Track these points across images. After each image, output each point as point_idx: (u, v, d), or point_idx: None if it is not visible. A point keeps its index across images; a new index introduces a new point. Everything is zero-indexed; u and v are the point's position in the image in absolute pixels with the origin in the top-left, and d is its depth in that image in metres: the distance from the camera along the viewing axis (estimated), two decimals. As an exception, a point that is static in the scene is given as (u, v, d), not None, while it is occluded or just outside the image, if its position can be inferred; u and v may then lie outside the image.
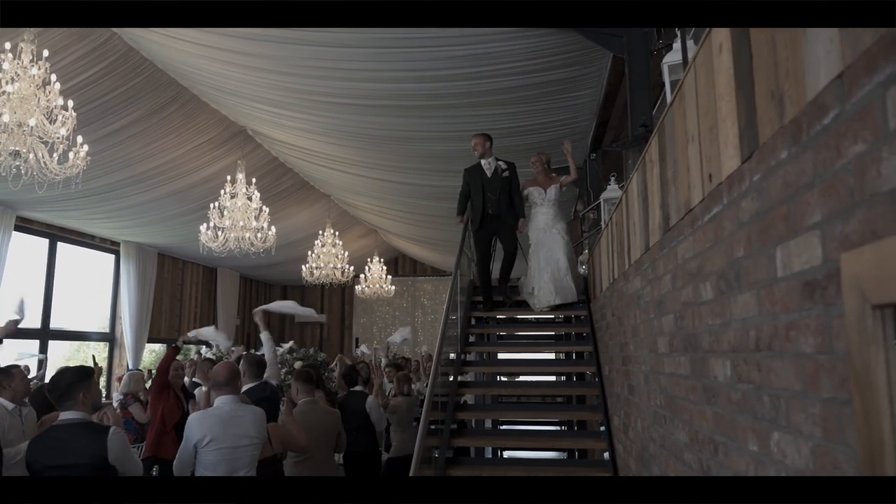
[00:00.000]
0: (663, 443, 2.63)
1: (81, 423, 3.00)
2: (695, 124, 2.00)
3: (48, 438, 3.00)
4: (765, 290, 1.44)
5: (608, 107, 6.68)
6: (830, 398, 1.13)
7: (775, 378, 1.39)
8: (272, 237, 8.80)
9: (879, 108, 0.95)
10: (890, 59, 0.92)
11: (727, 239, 1.70)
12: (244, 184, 8.54)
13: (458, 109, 6.51)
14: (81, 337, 11.64)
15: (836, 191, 1.10)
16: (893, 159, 0.92)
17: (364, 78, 5.97)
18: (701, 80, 1.92)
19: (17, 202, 8.53)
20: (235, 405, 3.40)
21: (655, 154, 2.63)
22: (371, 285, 14.75)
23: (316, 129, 7.69)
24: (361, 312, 17.75)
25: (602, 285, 4.89)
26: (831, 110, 1.11)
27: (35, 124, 5.03)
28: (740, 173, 1.58)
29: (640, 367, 3.16)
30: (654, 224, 2.71)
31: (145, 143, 7.86)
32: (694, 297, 2.06)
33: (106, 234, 11.21)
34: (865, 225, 1.00)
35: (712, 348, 1.87)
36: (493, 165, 6.18)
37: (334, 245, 12.09)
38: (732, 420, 1.69)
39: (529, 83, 5.85)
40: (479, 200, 6.12)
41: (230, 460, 3.27)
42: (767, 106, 1.40)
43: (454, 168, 8.26)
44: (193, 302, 14.15)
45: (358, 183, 9.95)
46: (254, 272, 15.64)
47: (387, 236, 15.25)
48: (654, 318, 2.77)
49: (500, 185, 6.10)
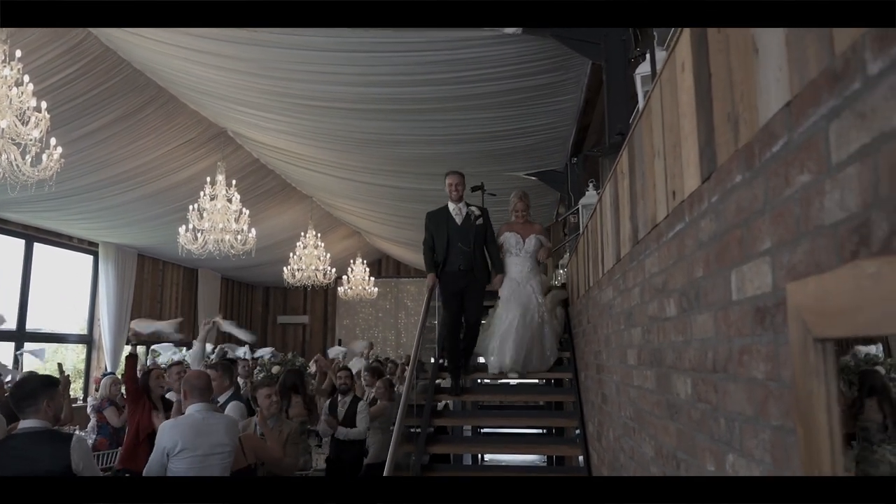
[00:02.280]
0: (632, 454, 2.63)
1: (43, 431, 2.95)
2: (660, 140, 2.00)
3: (8, 447, 2.95)
4: (721, 312, 1.44)
5: (589, 112, 6.70)
6: (779, 426, 1.13)
7: (730, 401, 1.39)
8: (252, 239, 8.74)
9: (823, 140, 0.95)
10: (833, 92, 0.92)
11: (688, 257, 1.71)
12: (224, 185, 8.47)
13: (439, 114, 6.50)
14: (58, 339, 11.49)
15: (784, 219, 1.10)
16: (835, 193, 0.92)
17: (343, 82, 5.95)
18: (666, 97, 1.93)
19: (-8, 202, 8.41)
20: (207, 413, 3.36)
21: (626, 166, 2.63)
22: (354, 287, 14.71)
23: (296, 131, 7.65)
24: (344, 314, 17.69)
25: (579, 291, 4.90)
26: (780, 138, 1.11)
27: (7, 126, 4.95)
28: (700, 193, 1.58)
29: (612, 376, 3.17)
30: (624, 235, 2.71)
31: (123, 143, 7.76)
32: (659, 313, 2.07)
33: (84, 234, 11.07)
34: (810, 256, 1.00)
35: (675, 365, 1.87)
36: (463, 211, 5.22)
37: (316, 247, 12.03)
38: (693, 438, 1.69)
39: (510, 88, 5.85)
40: (443, 254, 5.10)
41: (202, 468, 3.23)
42: (724, 128, 1.40)
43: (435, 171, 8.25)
44: (174, 303, 14.01)
45: (339, 185, 9.91)
46: (235, 273, 15.53)
47: (370, 238, 15.21)
48: (623, 329, 2.77)
49: (472, 235, 5.13)
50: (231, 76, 6.28)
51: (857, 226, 0.86)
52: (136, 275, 12.32)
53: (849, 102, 0.88)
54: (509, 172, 7.96)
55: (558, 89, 6.02)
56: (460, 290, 5.10)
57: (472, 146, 7.29)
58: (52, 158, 5.44)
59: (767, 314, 1.17)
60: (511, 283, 5.28)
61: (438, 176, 8.49)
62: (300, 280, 12.10)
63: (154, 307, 13.34)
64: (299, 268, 12.00)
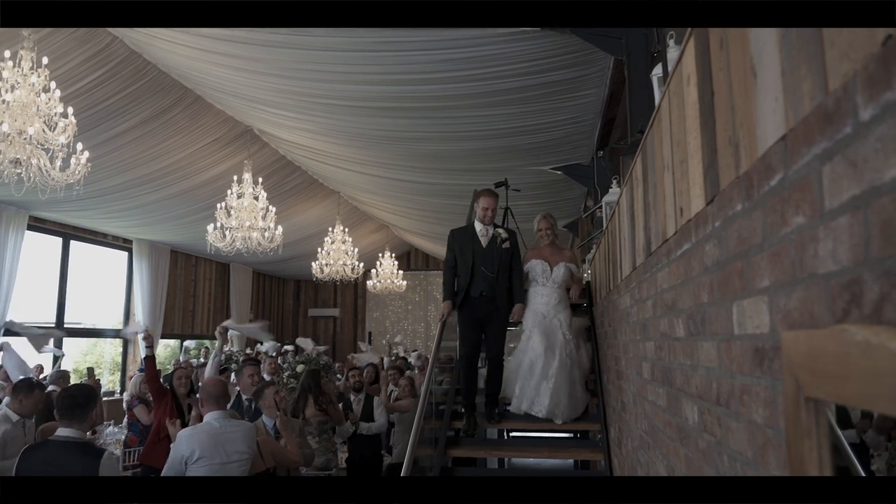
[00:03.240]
0: (648, 470, 2.57)
1: (77, 442, 3.00)
2: (669, 153, 1.92)
3: (42, 452, 3.01)
4: (724, 343, 1.38)
5: (613, 105, 6.56)
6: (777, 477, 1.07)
7: (732, 439, 1.32)
8: (279, 237, 8.81)
9: (817, 182, 0.88)
10: (825, 133, 0.85)
11: (695, 280, 1.63)
12: (251, 183, 8.55)
13: (461, 110, 6.43)
14: (96, 334, 11.80)
15: (780, 260, 1.03)
16: (829, 242, 0.85)
17: (364, 81, 5.93)
18: (674, 109, 1.85)
19: (29, 203, 8.62)
20: (225, 420, 3.39)
21: (640, 173, 2.55)
22: (382, 280, 14.76)
23: (320, 129, 7.66)
24: (374, 307, 17.79)
25: (601, 292, 4.81)
26: (777, 173, 1.03)
27: (34, 133, 5.05)
28: (704, 215, 1.51)
29: (630, 386, 3.09)
30: (639, 244, 2.63)
31: (152, 144, 7.89)
32: (670, 331, 1.99)
33: (118, 232, 11.32)
34: (804, 305, 0.93)
35: (683, 388, 1.80)
36: (490, 233, 4.68)
37: (344, 241, 12.09)
38: (700, 468, 1.63)
39: (531, 84, 5.76)
40: (467, 277, 4.57)
41: (221, 476, 3.27)
42: (726, 151, 1.33)
43: (460, 167, 8.21)
44: (207, 298, 14.26)
45: (365, 181, 9.93)
46: (266, 267, 15.73)
47: (398, 231, 15.23)
48: (639, 340, 2.70)
49: (497, 259, 4.60)
50: (253, 77, 6.31)
51: (848, 282, 0.80)
52: (169, 270, 12.57)
53: (841, 147, 0.81)
54: (534, 167, 7.86)
55: (581, 84, 5.90)
56: (480, 319, 4.59)
57: (495, 142, 7.21)
58: (79, 163, 5.54)
59: (766, 357, 1.11)
60: (535, 316, 4.70)
61: (463, 172, 8.46)
62: (328, 275, 12.19)
63: (188, 302, 13.60)
64: (327, 262, 12.09)
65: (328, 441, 5.47)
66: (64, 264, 10.60)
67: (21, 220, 9.06)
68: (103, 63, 6.27)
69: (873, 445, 1.07)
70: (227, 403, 3.49)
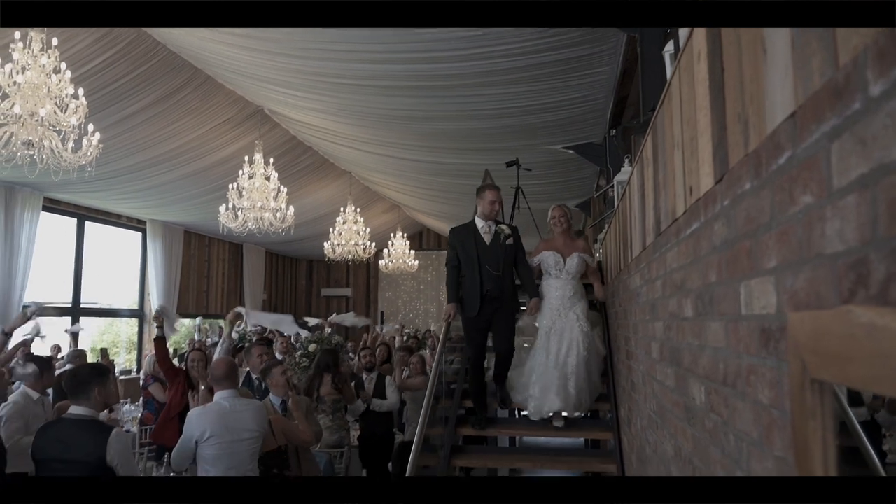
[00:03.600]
0: (655, 449, 2.57)
1: (88, 420, 3.05)
2: (679, 131, 1.89)
3: (55, 430, 3.07)
4: (731, 324, 1.36)
5: (627, 83, 6.47)
6: (781, 458, 1.06)
7: (738, 419, 1.32)
8: (291, 217, 8.83)
9: (825, 160, 0.86)
10: (834, 109, 0.83)
11: (703, 259, 1.62)
12: (262, 164, 8.55)
13: (472, 89, 6.38)
14: (112, 313, 11.94)
15: (788, 239, 1.01)
16: (836, 222, 0.83)
17: (374, 60, 5.88)
18: (685, 86, 1.82)
19: (43, 184, 8.69)
20: (235, 400, 3.43)
21: (650, 152, 2.52)
22: (394, 260, 14.79)
23: (330, 109, 7.63)
24: (387, 286, 17.85)
25: (613, 271, 4.79)
26: (786, 151, 1.01)
27: (46, 114, 5.07)
28: (713, 194, 1.49)
29: (640, 366, 3.09)
30: (649, 224, 2.61)
31: (163, 125, 7.90)
32: (678, 311, 1.98)
33: (132, 213, 11.40)
34: (811, 285, 0.92)
35: (691, 369, 1.79)
36: (492, 229, 4.52)
37: (356, 222, 12.11)
38: (707, 448, 1.63)
39: (542, 62, 5.69)
40: (474, 276, 4.41)
41: (230, 455, 3.31)
42: (735, 128, 1.30)
43: (469, 146, 8.17)
44: (221, 278, 14.37)
45: (376, 161, 9.90)
46: (279, 248, 15.80)
47: (409, 211, 15.22)
48: (649, 320, 2.69)
49: (502, 256, 4.45)
50: (263, 57, 6.28)
51: (854, 262, 0.78)
52: (183, 250, 12.66)
53: (850, 124, 0.79)
54: (545, 146, 7.80)
55: (593, 61, 5.82)
56: (487, 318, 4.45)
57: (506, 121, 7.15)
58: (91, 144, 5.57)
59: (772, 338, 1.10)
60: (550, 313, 4.53)
61: (474, 151, 8.41)
62: (340, 255, 12.22)
63: (202, 282, 13.71)
64: (339, 243, 12.11)
65: (341, 419, 5.53)
66: (79, 245, 10.70)
67: (36, 201, 9.13)
68: (113, 44, 6.26)
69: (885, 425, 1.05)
70: (236, 383, 3.52)
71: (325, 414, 5.33)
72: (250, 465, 3.38)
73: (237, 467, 3.31)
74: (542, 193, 9.97)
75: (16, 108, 4.99)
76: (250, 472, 3.38)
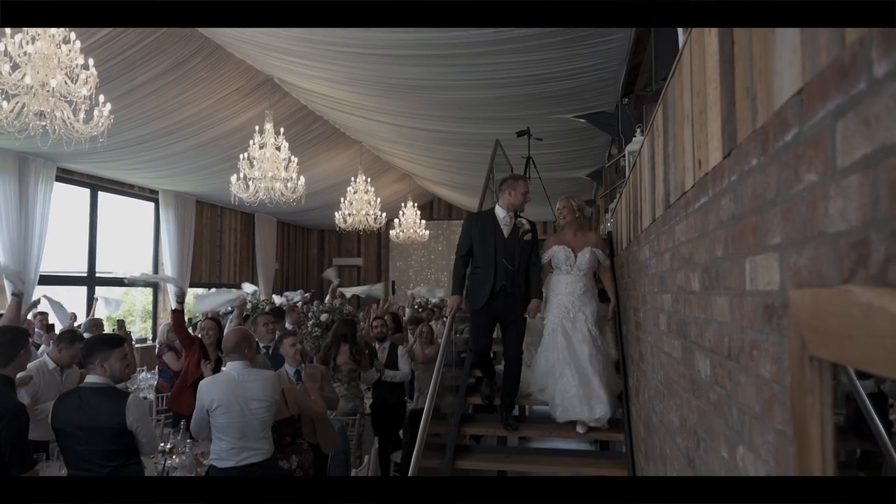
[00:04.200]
0: (662, 419, 2.61)
1: (104, 387, 3.13)
2: (689, 104, 1.88)
3: (74, 398, 3.15)
4: (737, 298, 1.37)
5: (640, 51, 6.37)
6: (781, 431, 1.08)
7: (741, 393, 1.34)
8: (301, 187, 8.85)
9: (830, 139, 0.86)
10: (840, 88, 0.83)
11: (711, 234, 1.62)
12: (272, 134, 8.54)
13: (482, 57, 6.30)
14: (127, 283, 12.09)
15: (792, 217, 1.02)
16: (839, 201, 0.84)
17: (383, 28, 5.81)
18: (695, 59, 1.80)
19: (56, 155, 8.73)
20: (244, 370, 3.49)
21: (660, 124, 2.50)
22: (405, 230, 14.81)
23: (340, 78, 7.58)
24: (398, 256, 17.91)
25: (623, 242, 4.79)
26: (792, 128, 1.01)
27: (57, 85, 5.08)
28: (721, 169, 1.49)
29: (648, 336, 3.11)
30: (658, 196, 2.60)
31: (173, 94, 7.89)
32: (686, 284, 1.99)
33: (144, 183, 11.45)
34: (813, 263, 0.93)
35: (697, 342, 1.81)
36: (512, 222, 4.27)
37: (366, 191, 12.11)
38: (711, 420, 1.65)
39: (554, 29, 5.59)
40: (488, 269, 4.16)
41: (241, 422, 3.37)
42: (743, 104, 1.30)
43: (480, 115, 8.10)
44: (233, 247, 14.48)
45: (386, 130, 9.85)
46: (290, 217, 15.85)
47: (420, 181, 15.18)
48: (657, 291, 2.70)
49: (518, 250, 4.20)
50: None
51: (855, 242, 0.79)
52: (195, 220, 12.74)
53: (854, 104, 0.79)
54: (557, 115, 7.73)
55: (606, 29, 5.72)
56: (497, 316, 4.22)
57: (517, 90, 7.08)
58: (102, 115, 5.58)
59: (775, 314, 1.11)
60: (558, 310, 4.33)
61: (485, 120, 8.35)
62: (351, 224, 12.25)
63: (214, 252, 13.82)
64: (350, 212, 12.14)
65: (356, 388, 5.62)
66: (93, 215, 10.79)
67: (49, 171, 9.19)
68: (122, 13, 6.22)
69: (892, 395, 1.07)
70: (247, 354, 3.56)
71: (340, 383, 5.42)
72: (262, 434, 3.44)
73: (248, 436, 3.38)
74: (554, 163, 9.91)
75: (27, 79, 5.00)
76: (262, 441, 3.45)
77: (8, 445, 2.94)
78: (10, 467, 2.93)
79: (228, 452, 3.36)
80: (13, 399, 3.14)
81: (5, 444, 2.94)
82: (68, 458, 3.08)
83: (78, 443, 3.02)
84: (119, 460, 3.03)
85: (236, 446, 3.35)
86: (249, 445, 3.38)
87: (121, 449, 3.04)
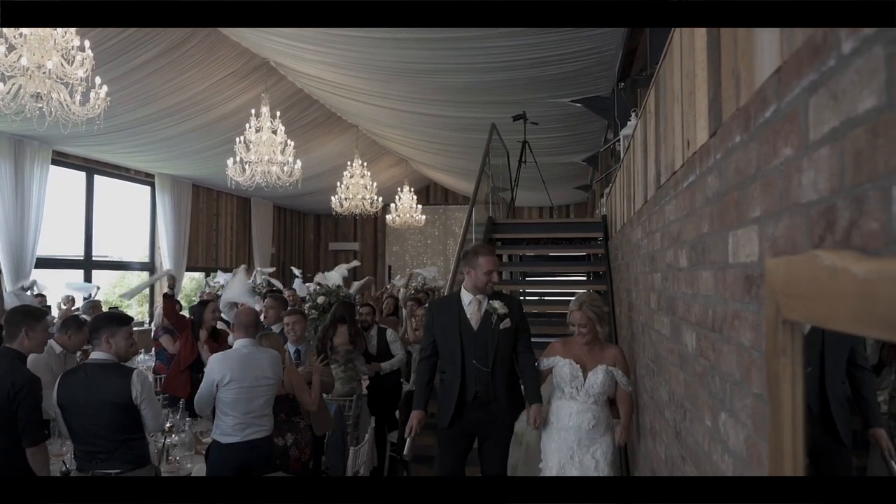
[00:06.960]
0: (651, 396, 2.67)
1: (110, 364, 3.18)
2: (679, 85, 1.92)
3: (80, 373, 3.20)
4: (720, 272, 1.43)
5: (636, 34, 6.40)
6: (759, 394, 1.14)
7: (724, 361, 1.39)
8: (298, 171, 8.86)
9: (803, 114, 0.91)
10: (813, 65, 0.88)
11: (698, 212, 1.67)
12: (268, 117, 8.54)
13: (478, 41, 6.31)
14: (123, 266, 12.11)
15: (771, 190, 1.07)
16: (811, 172, 0.89)
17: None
18: (685, 40, 1.84)
19: (52, 137, 8.72)
20: (253, 348, 3.56)
21: (653, 106, 2.54)
22: (401, 215, 14.84)
23: (337, 62, 7.58)
24: (394, 241, 17.95)
25: (617, 225, 4.84)
26: (771, 105, 1.06)
27: (53, 66, 5.08)
28: (707, 148, 1.53)
29: (639, 316, 3.17)
30: (650, 177, 2.65)
31: (169, 77, 7.86)
32: (674, 262, 2.05)
33: (140, 166, 11.44)
34: (788, 232, 0.98)
35: (685, 317, 1.87)
36: (482, 307, 3.32)
37: (363, 176, 12.12)
38: (696, 391, 1.71)
39: (550, 13, 5.60)
40: (454, 372, 3.28)
41: (248, 398, 3.45)
42: (728, 84, 1.34)
43: (476, 100, 8.11)
44: (229, 231, 14.49)
45: (383, 114, 9.85)
46: (287, 202, 15.85)
47: (417, 165, 15.19)
48: (648, 271, 2.76)
49: (494, 344, 3.27)
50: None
51: (824, 210, 0.84)
52: (191, 204, 12.73)
53: (825, 80, 0.83)
54: (553, 100, 7.74)
55: (602, 12, 5.73)
56: (470, 431, 3.32)
57: (513, 73, 7.09)
58: (98, 97, 5.59)
59: (753, 284, 1.16)
60: (559, 451, 3.22)
61: (481, 104, 8.36)
62: (348, 209, 12.28)
63: (210, 235, 13.83)
64: (347, 197, 12.16)
65: (353, 370, 5.66)
66: (89, 198, 10.79)
67: (45, 154, 9.18)
68: (117, -5, 6.20)
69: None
70: (256, 332, 3.64)
71: (337, 364, 5.46)
72: (266, 412, 3.51)
73: (253, 412, 3.45)
74: (550, 148, 9.93)
75: (23, 61, 5.00)
76: (266, 418, 3.52)
77: (24, 415, 3.00)
78: (22, 437, 2.99)
79: (234, 428, 3.43)
80: (28, 371, 3.18)
81: (22, 413, 2.99)
82: (74, 433, 3.13)
83: (85, 417, 3.07)
84: (125, 434, 3.09)
85: (242, 421, 3.43)
86: (254, 421, 3.46)
87: (127, 423, 3.10)
